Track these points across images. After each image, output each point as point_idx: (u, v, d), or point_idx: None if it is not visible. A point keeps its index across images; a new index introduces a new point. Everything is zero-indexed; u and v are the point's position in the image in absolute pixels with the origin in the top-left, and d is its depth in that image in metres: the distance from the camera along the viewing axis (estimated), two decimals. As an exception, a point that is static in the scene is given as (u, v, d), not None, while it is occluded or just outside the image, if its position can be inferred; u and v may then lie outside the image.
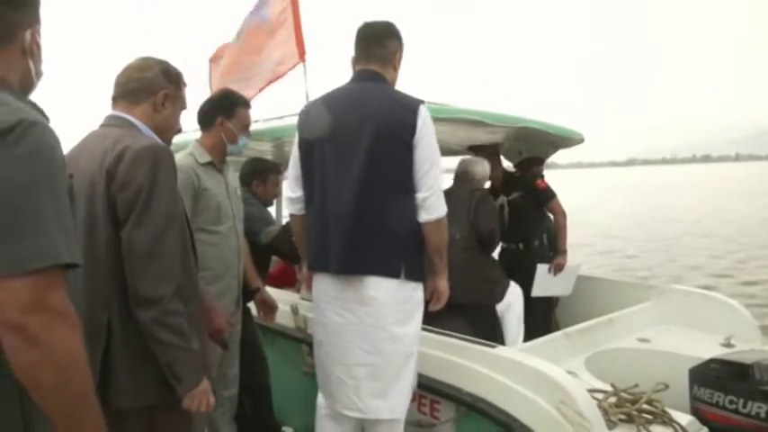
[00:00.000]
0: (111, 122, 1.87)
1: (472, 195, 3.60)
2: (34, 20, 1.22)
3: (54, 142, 1.11)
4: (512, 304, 3.53)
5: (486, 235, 3.58)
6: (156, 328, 1.64)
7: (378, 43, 2.41)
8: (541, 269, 3.88)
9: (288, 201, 2.53)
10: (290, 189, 2.50)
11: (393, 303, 2.27)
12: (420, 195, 2.26)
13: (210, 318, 2.25)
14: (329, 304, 2.35)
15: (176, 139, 2.13)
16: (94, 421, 1.14)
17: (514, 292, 3.58)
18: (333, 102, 2.39)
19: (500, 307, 3.50)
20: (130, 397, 1.70)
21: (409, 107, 2.28)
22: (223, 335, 2.36)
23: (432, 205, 2.27)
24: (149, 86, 1.89)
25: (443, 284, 2.48)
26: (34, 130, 1.07)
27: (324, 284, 2.38)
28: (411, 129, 2.23)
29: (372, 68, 2.40)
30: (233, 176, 2.90)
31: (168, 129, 1.98)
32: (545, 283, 3.87)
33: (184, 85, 2.03)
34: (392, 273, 2.27)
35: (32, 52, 1.23)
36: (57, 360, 1.04)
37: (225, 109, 2.73)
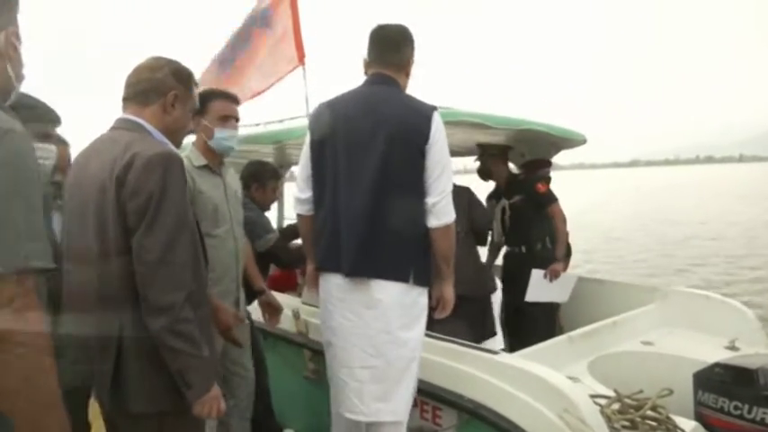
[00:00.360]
0: (120, 126, 1.86)
1: (459, 191, 3.65)
2: (8, 21, 1.20)
3: (28, 149, 1.10)
4: (496, 300, 3.63)
5: (485, 227, 3.75)
6: (166, 336, 1.64)
7: (394, 49, 2.41)
8: (536, 274, 3.85)
9: (296, 201, 2.52)
10: (300, 190, 2.49)
11: (398, 307, 2.28)
12: (430, 200, 2.26)
13: (218, 317, 2.25)
14: (336, 306, 2.36)
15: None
16: (59, 428, 1.13)
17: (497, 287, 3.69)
18: (346, 104, 2.38)
19: (494, 298, 3.59)
20: (142, 402, 1.71)
21: (423, 113, 2.28)
22: (232, 332, 2.37)
23: (441, 210, 2.27)
24: (159, 87, 1.87)
25: (449, 292, 2.48)
26: (8, 137, 1.06)
27: (332, 286, 2.38)
28: (425, 135, 2.24)
29: (386, 73, 2.40)
30: (233, 179, 2.88)
31: (178, 130, 1.96)
32: (540, 288, 3.85)
33: (195, 85, 2.02)
34: (401, 277, 2.28)
35: (9, 55, 1.20)
36: (22, 365, 1.03)
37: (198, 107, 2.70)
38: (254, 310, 3.14)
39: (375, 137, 2.25)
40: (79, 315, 1.70)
